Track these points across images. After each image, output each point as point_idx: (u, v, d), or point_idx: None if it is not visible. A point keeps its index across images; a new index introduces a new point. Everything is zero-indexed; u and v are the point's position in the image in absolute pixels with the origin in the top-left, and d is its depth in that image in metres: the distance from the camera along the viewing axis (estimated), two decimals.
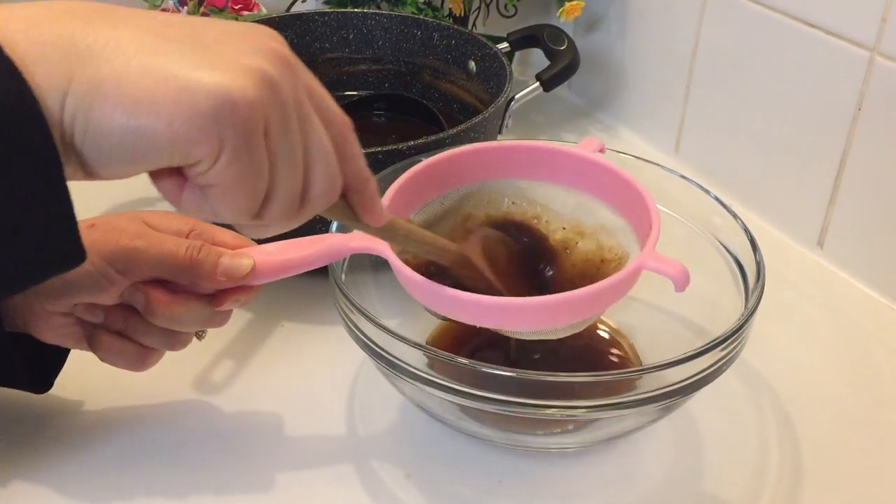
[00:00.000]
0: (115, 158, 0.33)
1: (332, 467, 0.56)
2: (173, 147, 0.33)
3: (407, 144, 0.64)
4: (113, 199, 0.78)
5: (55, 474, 0.54)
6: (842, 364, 0.66)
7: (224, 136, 0.33)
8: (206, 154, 0.34)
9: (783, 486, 0.55)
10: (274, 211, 0.37)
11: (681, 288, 0.48)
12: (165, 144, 0.33)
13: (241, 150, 0.34)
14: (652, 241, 0.50)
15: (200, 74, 0.33)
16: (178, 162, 0.34)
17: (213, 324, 0.53)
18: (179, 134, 0.33)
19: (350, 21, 0.88)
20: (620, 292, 0.51)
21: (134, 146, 0.33)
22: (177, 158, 0.34)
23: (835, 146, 0.72)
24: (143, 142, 0.33)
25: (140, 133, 0.33)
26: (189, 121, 0.33)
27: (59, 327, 0.52)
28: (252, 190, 0.36)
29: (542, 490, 0.55)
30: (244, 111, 0.33)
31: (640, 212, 0.54)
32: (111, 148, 0.33)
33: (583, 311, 0.51)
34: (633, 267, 0.49)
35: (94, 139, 0.33)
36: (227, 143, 0.33)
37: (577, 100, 1.04)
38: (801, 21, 0.73)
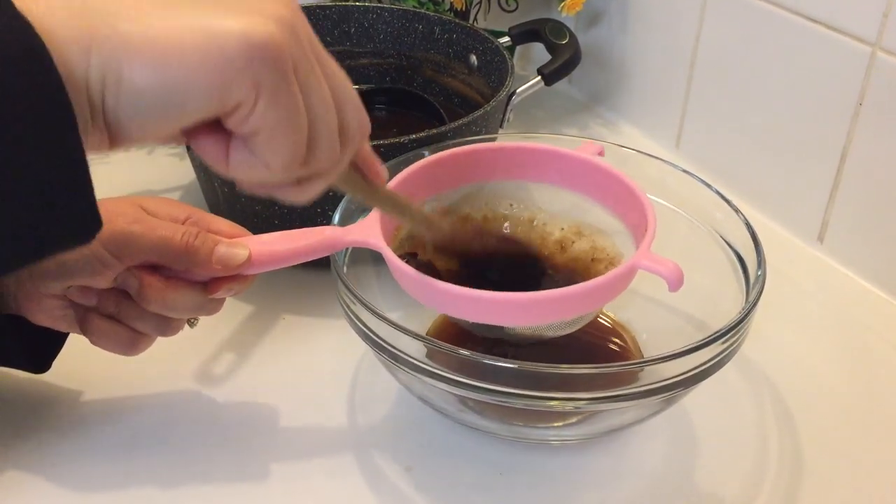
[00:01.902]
0: (152, 115, 0.33)
1: (333, 460, 0.56)
2: (209, 94, 0.33)
3: (408, 138, 0.64)
4: (110, 193, 0.78)
5: (52, 463, 0.54)
6: (841, 359, 0.66)
7: (259, 76, 0.34)
8: (244, 97, 0.34)
9: (782, 480, 0.56)
10: (321, 152, 0.37)
11: (674, 288, 0.48)
12: (202, 92, 0.33)
13: (279, 88, 0.34)
14: (647, 241, 0.51)
15: (224, 21, 0.33)
16: (216, 110, 0.34)
17: (206, 311, 0.53)
18: (213, 78, 0.33)
19: (351, 15, 0.88)
20: (614, 291, 0.51)
21: (170, 98, 0.33)
22: (214, 105, 0.34)
23: (836, 141, 0.73)
24: (178, 93, 0.33)
25: (175, 84, 0.33)
26: (222, 66, 0.33)
27: (51, 310, 0.52)
28: (295, 130, 0.36)
29: (542, 482, 0.55)
30: (274, 51, 0.34)
31: (637, 213, 0.54)
32: (147, 105, 0.33)
33: (575, 309, 0.51)
34: (627, 266, 0.50)
35: (129, 97, 0.33)
36: (264, 83, 0.34)
37: (578, 94, 1.04)
38: (803, 16, 0.73)
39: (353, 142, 0.40)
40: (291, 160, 0.37)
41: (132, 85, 0.32)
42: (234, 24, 0.33)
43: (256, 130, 0.35)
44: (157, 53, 0.32)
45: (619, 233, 0.57)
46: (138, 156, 0.87)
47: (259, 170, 0.37)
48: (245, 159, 0.36)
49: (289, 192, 0.40)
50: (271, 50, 0.34)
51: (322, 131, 0.37)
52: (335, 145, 0.38)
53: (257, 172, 0.37)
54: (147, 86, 0.32)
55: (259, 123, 0.35)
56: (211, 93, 0.33)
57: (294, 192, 0.40)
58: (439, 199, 0.60)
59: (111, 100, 0.33)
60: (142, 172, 0.84)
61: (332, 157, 0.39)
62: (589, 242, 0.59)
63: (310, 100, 0.36)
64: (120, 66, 0.32)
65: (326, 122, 0.37)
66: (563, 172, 0.59)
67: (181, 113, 0.34)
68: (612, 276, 0.49)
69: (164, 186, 0.81)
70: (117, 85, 0.32)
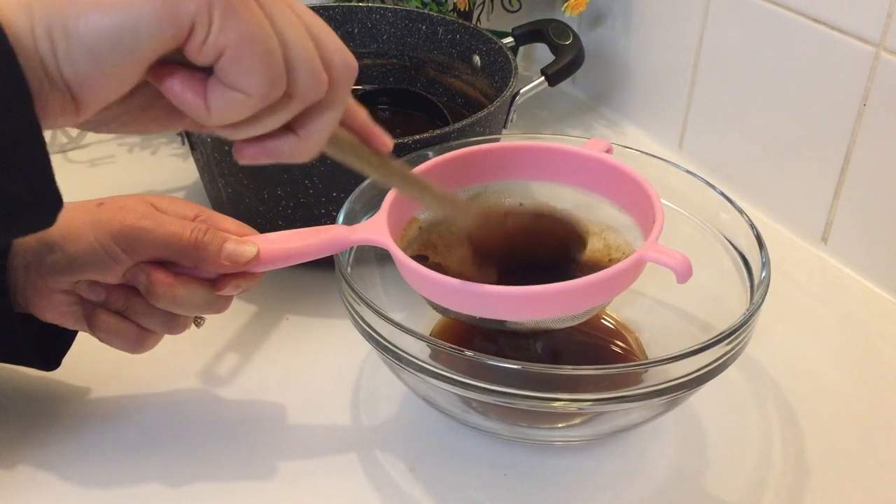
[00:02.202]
0: (107, 58, 0.32)
1: (337, 460, 0.56)
2: (158, 17, 0.32)
3: (412, 138, 0.64)
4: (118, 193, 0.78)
5: (59, 461, 0.54)
6: (845, 359, 0.66)
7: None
8: (194, 13, 0.32)
9: (786, 481, 0.56)
10: (303, 79, 0.36)
11: (682, 279, 0.48)
12: (149, 16, 0.32)
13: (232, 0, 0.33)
14: (655, 233, 0.50)
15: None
16: (172, 36, 0.33)
17: (214, 309, 0.53)
18: (160, 2, 0.32)
19: (355, 15, 0.88)
20: (623, 284, 0.51)
21: (120, 34, 0.32)
22: (168, 31, 0.32)
23: (839, 142, 0.72)
24: (128, 27, 0.32)
25: (122, 19, 0.32)
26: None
27: (59, 305, 0.52)
28: (263, 45, 0.34)
29: (546, 484, 0.55)
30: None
31: (645, 207, 0.54)
32: (100, 48, 0.32)
33: (583, 302, 0.51)
34: (634, 258, 0.49)
35: (79, 45, 0.32)
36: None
37: (582, 95, 1.04)
38: (806, 16, 0.73)
39: (340, 75, 0.37)
40: (269, 81, 0.35)
41: (79, 30, 0.31)
42: None
43: (220, 50, 0.33)
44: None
45: (628, 228, 0.57)
46: (142, 156, 0.87)
47: (240, 102, 0.35)
48: (222, 94, 0.34)
49: (286, 145, 0.38)
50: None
51: (298, 53, 0.35)
52: (318, 71, 0.36)
53: (238, 107, 0.35)
54: (94, 25, 0.31)
55: (220, 42, 0.33)
56: (160, 17, 0.32)
57: (292, 144, 0.38)
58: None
59: (62, 51, 0.32)
60: (146, 173, 0.84)
61: (318, 86, 0.36)
62: (600, 240, 0.59)
63: (276, 21, 0.34)
64: (65, 12, 0.31)
65: (300, 44, 0.35)
66: (572, 170, 0.59)
67: (135, 47, 0.32)
68: (619, 269, 0.49)
69: (169, 187, 0.82)
70: (64, 33, 0.31)
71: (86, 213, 0.50)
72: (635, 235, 0.57)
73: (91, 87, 0.33)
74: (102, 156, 0.87)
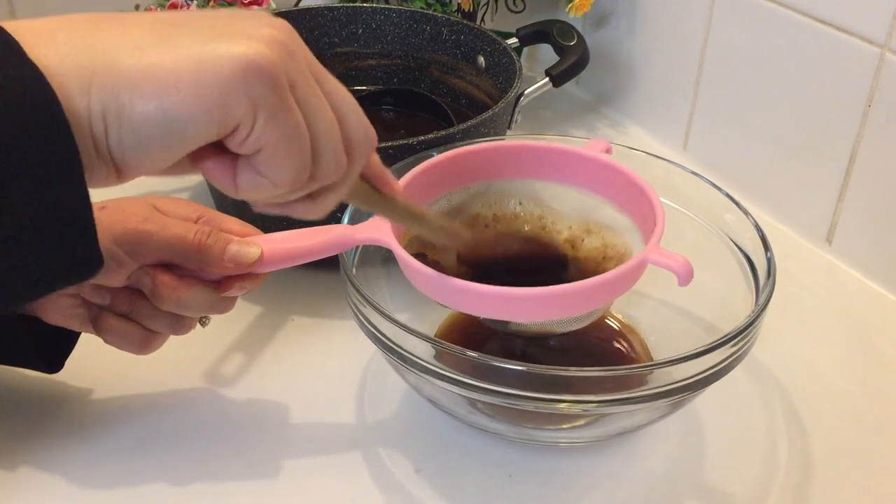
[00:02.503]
0: (155, 145, 0.34)
1: (342, 461, 0.56)
2: (209, 117, 0.34)
3: (417, 139, 0.64)
4: (122, 191, 0.78)
5: (63, 462, 0.54)
6: (850, 361, 0.66)
7: (254, 94, 0.34)
8: (242, 117, 0.35)
9: (791, 482, 0.56)
10: (326, 166, 0.38)
11: (684, 282, 0.48)
12: (200, 116, 0.34)
13: (276, 104, 0.35)
14: (656, 236, 0.51)
15: (217, 45, 0.34)
16: (217, 133, 0.35)
17: (219, 310, 0.53)
18: (211, 102, 0.34)
19: (359, 16, 0.88)
20: (624, 286, 0.51)
21: (170, 127, 0.34)
22: (214, 129, 0.35)
23: (844, 143, 0.72)
24: (178, 121, 0.34)
25: (174, 112, 0.34)
26: (217, 87, 0.34)
27: (64, 308, 0.52)
28: (298, 145, 0.37)
29: (551, 484, 0.55)
30: (268, 68, 0.35)
31: (646, 209, 0.54)
32: (149, 135, 0.34)
33: (585, 304, 0.51)
34: (636, 261, 0.50)
35: (131, 129, 0.34)
36: (260, 101, 0.35)
37: (586, 96, 1.04)
38: (812, 17, 0.72)
39: (360, 154, 0.40)
40: (297, 176, 0.37)
41: (132, 117, 0.33)
42: (228, 48, 0.34)
43: (258, 148, 0.36)
44: (155, 84, 0.33)
45: (628, 229, 0.57)
46: None
47: (267, 188, 0.37)
48: (252, 179, 0.37)
49: (301, 209, 0.41)
50: (264, 67, 0.35)
51: (325, 145, 0.38)
52: (340, 158, 0.39)
53: (265, 191, 0.38)
54: (147, 116, 0.34)
55: (260, 142, 0.36)
56: (210, 116, 0.34)
57: (306, 208, 0.41)
58: (449, 197, 0.60)
59: (114, 133, 0.34)
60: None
61: (339, 170, 0.39)
62: (599, 240, 0.59)
63: (310, 115, 0.37)
64: (120, 99, 0.33)
65: (329, 136, 0.38)
66: (572, 170, 0.59)
67: (183, 139, 0.35)
68: (621, 271, 0.49)
69: (173, 187, 0.82)
70: (118, 118, 0.33)
71: None
72: (634, 237, 0.57)
73: (135, 163, 0.35)
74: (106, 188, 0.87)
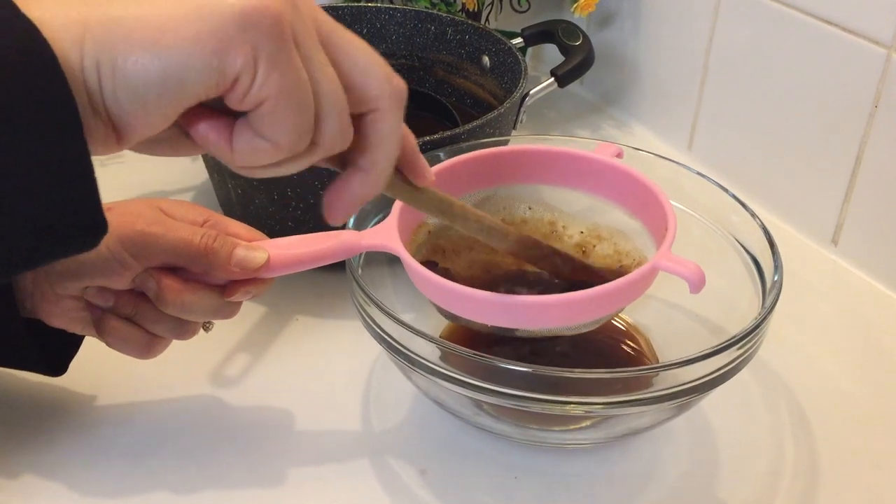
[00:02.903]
0: (152, 98, 0.33)
1: (347, 462, 0.56)
2: (208, 66, 0.32)
3: (422, 140, 0.64)
4: (126, 194, 0.78)
5: (65, 467, 0.54)
6: (856, 362, 0.66)
7: (256, 42, 0.33)
8: (242, 65, 0.33)
9: (798, 484, 0.55)
10: (328, 126, 0.36)
11: (696, 290, 0.48)
12: (199, 65, 0.32)
13: (278, 54, 0.33)
14: (668, 242, 0.50)
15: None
16: (216, 84, 0.33)
17: (223, 315, 0.53)
18: (209, 48, 0.32)
19: (363, 15, 0.88)
20: (635, 293, 0.51)
21: (167, 77, 0.32)
22: (213, 79, 0.33)
23: (850, 143, 0.72)
24: (175, 70, 0.32)
25: (171, 61, 0.32)
26: (217, 33, 0.32)
27: (67, 311, 0.52)
28: (299, 102, 0.34)
29: (557, 486, 0.55)
30: (270, 17, 0.33)
31: (657, 214, 0.54)
32: (146, 86, 0.32)
33: (596, 311, 0.51)
34: (648, 267, 0.49)
35: (126, 81, 0.32)
36: (262, 50, 0.33)
37: (590, 96, 1.04)
38: (818, 18, 0.72)
39: (386, 110, 0.38)
40: (298, 136, 0.35)
41: (127, 67, 0.32)
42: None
43: (260, 101, 0.34)
44: (151, 32, 0.32)
45: (638, 234, 0.57)
46: (152, 156, 0.87)
47: (265, 151, 0.35)
48: (250, 140, 0.35)
49: (289, 164, 0.38)
50: (267, 16, 0.33)
51: (329, 107, 0.36)
52: (345, 120, 0.37)
53: (263, 155, 0.35)
54: (143, 66, 0.32)
55: (262, 94, 0.34)
56: (209, 65, 0.32)
57: (349, 185, 0.39)
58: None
59: (108, 85, 0.32)
60: (155, 172, 0.84)
61: (344, 134, 0.37)
62: (611, 245, 0.59)
63: (313, 72, 0.35)
64: (114, 49, 0.32)
65: (332, 96, 0.36)
66: (583, 175, 0.59)
67: (181, 91, 0.33)
68: (632, 278, 0.49)
69: (177, 187, 0.82)
70: (112, 69, 0.32)
71: None
72: (645, 241, 0.57)
73: (132, 123, 0.33)
74: (112, 155, 0.87)
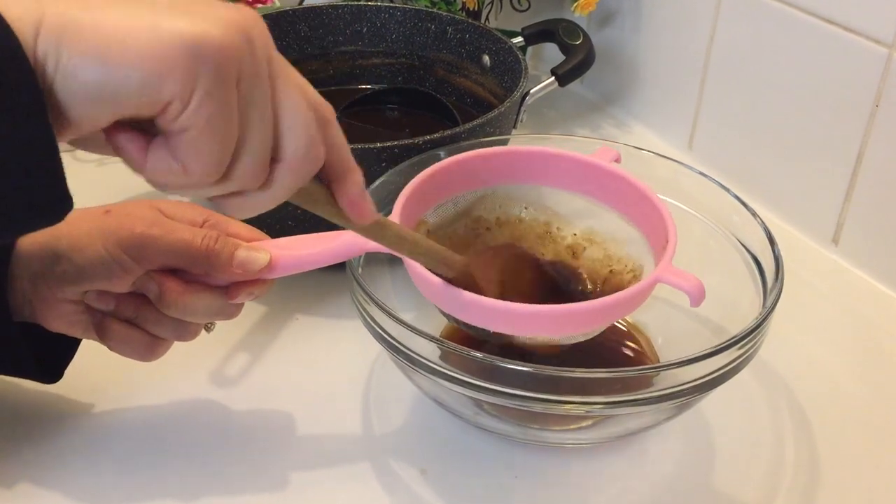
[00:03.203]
0: (84, 98, 0.33)
1: (347, 462, 0.56)
2: (144, 85, 0.33)
3: (422, 139, 0.64)
4: (125, 193, 0.78)
5: (63, 475, 0.54)
6: (856, 361, 0.66)
7: (198, 73, 0.33)
8: (178, 92, 0.33)
9: (799, 484, 0.55)
10: (244, 167, 0.36)
11: (696, 303, 0.48)
12: (137, 82, 0.32)
13: (215, 89, 0.34)
14: (669, 254, 0.51)
15: (175, 20, 0.33)
16: (148, 103, 0.33)
17: (225, 316, 0.53)
18: (151, 69, 0.32)
19: (364, 14, 0.87)
20: (634, 304, 0.52)
21: (104, 84, 0.32)
22: (146, 97, 0.33)
23: (851, 143, 0.72)
24: (113, 79, 0.32)
25: (111, 72, 0.32)
26: (162, 58, 0.32)
27: (67, 315, 0.51)
28: (222, 137, 0.35)
29: (557, 486, 0.55)
30: (218, 53, 0.33)
31: (656, 223, 0.54)
32: (81, 88, 0.32)
33: (595, 321, 0.52)
34: (649, 280, 0.50)
35: (65, 79, 0.32)
36: (201, 82, 0.33)
37: (590, 95, 1.04)
38: (819, 17, 0.72)
39: (296, 170, 0.38)
40: (211, 169, 0.35)
41: (69, 64, 0.32)
42: (183, 23, 0.33)
43: (183, 129, 0.34)
44: (101, 39, 0.32)
45: (633, 241, 0.57)
46: None
47: (176, 174, 0.35)
48: (163, 160, 0.35)
49: (220, 202, 0.38)
50: (214, 51, 0.33)
51: (250, 146, 0.36)
52: (261, 164, 0.37)
53: (174, 177, 0.35)
54: (85, 69, 0.32)
55: (188, 122, 0.34)
56: (146, 84, 0.33)
57: (224, 204, 0.39)
58: (455, 201, 0.59)
59: (49, 75, 0.32)
60: None
61: (255, 176, 0.37)
62: (601, 250, 0.59)
63: (247, 112, 0.35)
64: (61, 46, 0.32)
65: (258, 138, 0.36)
66: (581, 178, 0.59)
67: (114, 102, 0.33)
68: (633, 291, 0.50)
69: None
70: (56, 63, 0.32)
71: (93, 221, 0.50)
72: (640, 249, 0.57)
73: (69, 111, 0.33)
74: None
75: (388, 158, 0.63)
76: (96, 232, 0.49)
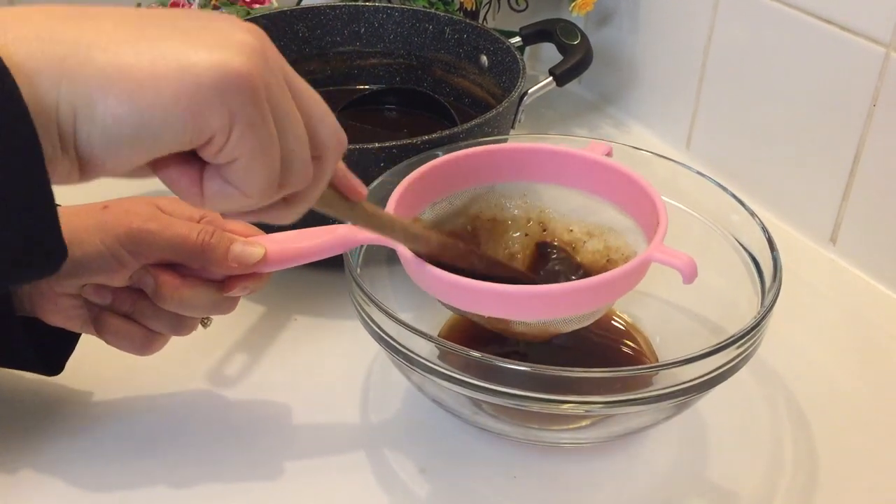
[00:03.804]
0: (126, 146, 0.33)
1: (346, 461, 0.56)
2: (184, 125, 0.33)
3: (421, 139, 0.64)
4: (124, 190, 0.78)
5: (63, 464, 0.54)
6: (854, 360, 0.66)
7: (233, 106, 0.34)
8: (219, 127, 0.34)
9: (797, 483, 0.55)
10: (295, 174, 0.37)
11: (688, 280, 0.48)
12: (176, 123, 0.33)
13: (254, 117, 0.34)
14: (659, 234, 0.51)
15: (195, 52, 0.33)
16: (190, 141, 0.34)
17: (221, 310, 0.53)
18: (187, 110, 0.33)
19: (362, 15, 0.87)
20: (628, 284, 0.51)
21: (144, 130, 0.33)
22: (188, 137, 0.34)
23: (849, 142, 0.72)
24: (153, 124, 0.33)
25: (150, 116, 0.33)
26: (195, 96, 0.33)
27: (65, 309, 0.52)
28: (270, 157, 0.36)
29: (555, 485, 0.55)
30: (248, 82, 0.34)
31: (648, 209, 0.54)
32: (121, 136, 0.33)
33: (590, 302, 0.51)
34: (640, 259, 0.50)
35: (103, 128, 0.32)
36: (239, 113, 0.34)
37: (589, 95, 1.04)
38: (816, 17, 0.72)
39: (330, 158, 0.40)
40: (267, 186, 0.36)
41: (106, 116, 0.32)
42: (208, 56, 0.33)
43: (232, 159, 0.35)
44: (133, 85, 0.32)
45: (630, 231, 0.57)
46: None
47: (235, 199, 0.36)
48: (220, 189, 0.36)
49: (274, 214, 0.40)
50: (245, 81, 0.34)
51: (295, 153, 0.37)
52: (308, 166, 0.38)
53: (234, 201, 0.37)
54: (122, 117, 0.32)
55: (235, 153, 0.35)
56: (186, 124, 0.33)
57: (276, 214, 0.40)
58: (451, 199, 0.59)
59: (84, 130, 0.33)
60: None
61: (307, 177, 0.38)
62: (601, 243, 0.59)
63: (282, 124, 0.36)
64: (93, 96, 0.32)
65: (299, 144, 0.37)
66: (573, 172, 0.59)
67: (155, 144, 0.34)
68: (625, 269, 0.49)
69: None
70: (90, 115, 0.32)
71: (91, 216, 0.50)
72: (636, 237, 0.57)
73: (102, 162, 0.34)
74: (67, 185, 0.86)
75: (386, 159, 0.64)
76: (94, 227, 0.49)
